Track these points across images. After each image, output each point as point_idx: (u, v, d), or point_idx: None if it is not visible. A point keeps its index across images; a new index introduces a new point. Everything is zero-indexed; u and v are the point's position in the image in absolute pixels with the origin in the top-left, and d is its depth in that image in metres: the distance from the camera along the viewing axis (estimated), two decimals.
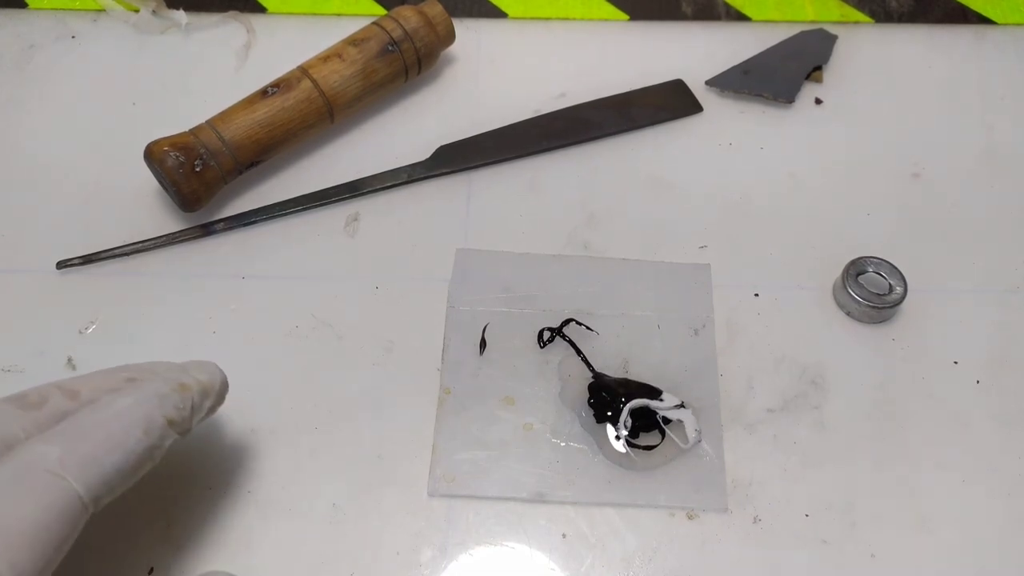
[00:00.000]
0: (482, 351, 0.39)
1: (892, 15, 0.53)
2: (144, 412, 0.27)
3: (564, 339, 0.39)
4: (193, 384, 0.29)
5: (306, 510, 0.35)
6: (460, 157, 0.45)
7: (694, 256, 0.42)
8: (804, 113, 0.48)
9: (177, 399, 0.28)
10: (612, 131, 0.47)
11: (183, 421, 0.28)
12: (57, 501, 0.24)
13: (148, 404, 0.27)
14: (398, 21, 0.46)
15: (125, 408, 0.27)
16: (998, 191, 0.45)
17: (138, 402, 0.27)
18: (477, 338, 0.39)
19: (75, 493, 0.25)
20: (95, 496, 0.25)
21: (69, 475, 0.25)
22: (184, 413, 0.28)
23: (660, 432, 0.37)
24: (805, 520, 0.35)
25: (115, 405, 0.27)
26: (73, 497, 0.24)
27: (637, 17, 0.52)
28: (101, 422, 0.26)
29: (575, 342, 0.39)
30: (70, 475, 0.25)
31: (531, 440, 0.37)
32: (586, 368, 0.38)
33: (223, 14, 0.51)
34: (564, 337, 0.39)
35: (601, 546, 0.34)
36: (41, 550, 0.24)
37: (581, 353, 0.39)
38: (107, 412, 0.27)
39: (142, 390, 0.28)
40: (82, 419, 0.26)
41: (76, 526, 0.25)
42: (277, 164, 0.45)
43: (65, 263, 0.41)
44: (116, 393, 0.28)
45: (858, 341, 0.40)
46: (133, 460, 0.26)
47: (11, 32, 0.51)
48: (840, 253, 0.42)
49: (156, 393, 0.28)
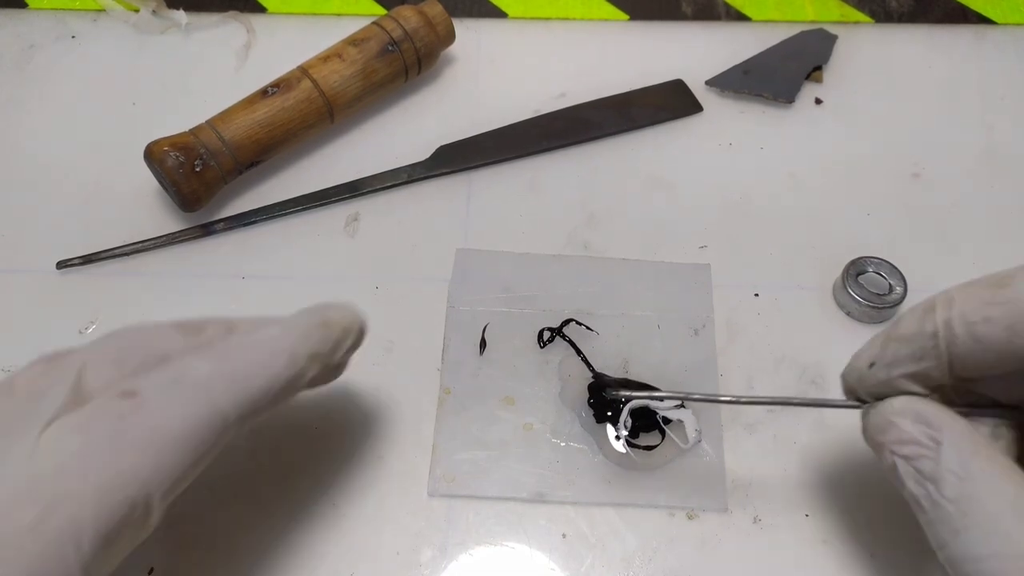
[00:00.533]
0: (482, 351, 0.39)
1: (892, 15, 0.53)
2: (290, 343, 0.28)
3: (564, 339, 0.39)
4: (336, 323, 0.30)
5: (306, 510, 0.35)
6: (460, 157, 0.45)
7: (694, 256, 0.42)
8: (804, 113, 0.48)
9: (320, 335, 0.30)
10: (612, 131, 0.47)
11: (324, 356, 0.30)
12: (202, 413, 0.26)
13: (293, 336, 0.29)
14: (398, 21, 0.46)
15: (272, 336, 0.28)
16: (998, 191, 0.45)
17: (284, 332, 0.29)
18: (477, 338, 0.39)
19: (219, 408, 0.26)
20: (238, 415, 0.26)
21: (215, 390, 0.26)
22: (325, 348, 0.30)
23: (660, 432, 0.37)
24: (805, 520, 0.35)
25: (263, 333, 0.29)
26: (216, 412, 0.26)
27: (637, 17, 0.52)
28: (249, 346, 0.28)
29: (575, 342, 0.39)
30: (216, 390, 0.26)
31: (531, 440, 0.37)
32: (586, 368, 0.38)
33: (223, 14, 0.52)
34: (564, 337, 0.39)
35: (601, 546, 0.34)
36: (183, 457, 0.25)
37: (581, 353, 0.39)
38: (255, 338, 0.28)
39: (288, 323, 0.29)
40: (232, 342, 0.28)
41: (217, 442, 0.26)
42: (277, 164, 0.45)
43: (65, 263, 0.41)
44: (273, 319, 0.30)
45: (858, 341, 0.39)
46: (276, 387, 0.28)
47: (11, 32, 0.51)
48: (840, 253, 0.42)
49: (301, 326, 0.29)
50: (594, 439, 0.37)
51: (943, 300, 0.27)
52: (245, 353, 0.28)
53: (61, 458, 0.24)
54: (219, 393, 0.26)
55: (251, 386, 0.27)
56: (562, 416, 0.37)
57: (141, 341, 0.28)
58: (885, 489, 0.36)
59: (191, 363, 0.26)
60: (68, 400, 0.25)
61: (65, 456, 0.24)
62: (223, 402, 0.26)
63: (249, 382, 0.27)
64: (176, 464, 0.25)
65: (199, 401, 0.26)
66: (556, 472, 0.36)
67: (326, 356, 0.30)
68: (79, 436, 0.24)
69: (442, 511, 0.35)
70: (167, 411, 0.25)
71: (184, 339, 0.28)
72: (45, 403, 0.25)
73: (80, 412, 0.25)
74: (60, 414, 0.25)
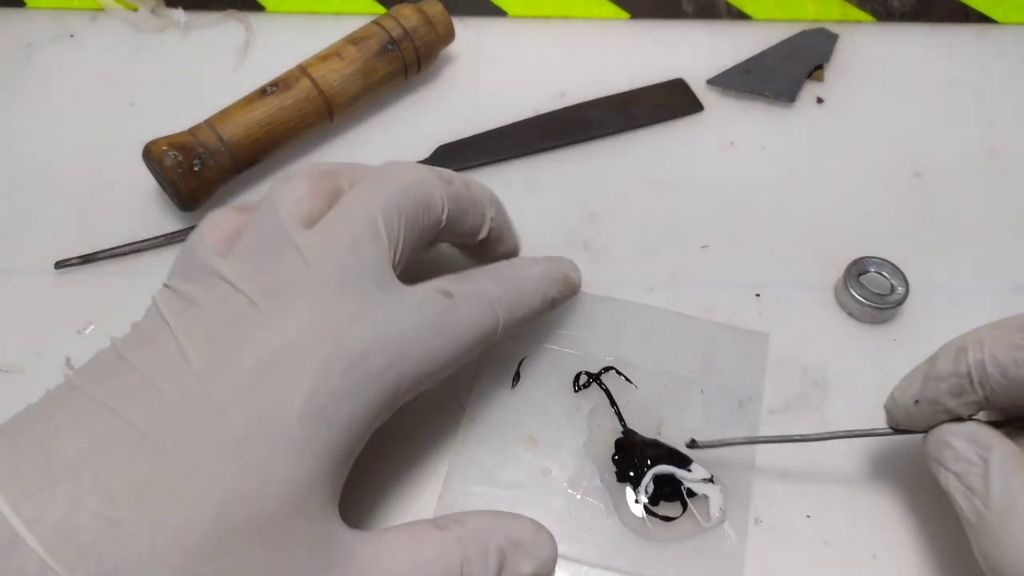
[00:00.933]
0: (514, 385, 0.38)
1: (893, 14, 0.53)
2: (546, 285, 0.35)
3: (600, 387, 0.37)
4: (572, 282, 0.38)
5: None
6: (460, 156, 0.45)
7: (701, 256, 0.42)
8: (805, 112, 0.48)
9: (562, 288, 0.37)
10: (612, 130, 0.47)
11: (556, 302, 0.36)
12: (489, 323, 0.32)
13: (549, 280, 0.36)
14: (398, 20, 0.46)
15: (538, 275, 0.35)
16: (1000, 190, 0.45)
17: (544, 275, 0.36)
18: (512, 370, 0.38)
19: (498, 322, 0.33)
20: (505, 329, 0.33)
21: (500, 309, 0.33)
22: (561, 295, 0.37)
23: (682, 504, 0.34)
24: (806, 521, 0.35)
25: (533, 270, 0.35)
26: (496, 324, 0.33)
27: (638, 16, 0.52)
28: (524, 280, 0.35)
29: (611, 392, 0.37)
30: (500, 309, 0.33)
31: (546, 486, 0.35)
32: (618, 422, 0.36)
33: (222, 13, 0.51)
34: (601, 385, 0.37)
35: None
36: (466, 353, 0.32)
37: (615, 405, 0.37)
38: (527, 273, 0.35)
39: (546, 271, 0.36)
40: (512, 274, 0.35)
41: (485, 345, 0.33)
42: (276, 164, 0.45)
43: (64, 263, 0.41)
44: (529, 261, 0.37)
45: (860, 341, 0.40)
46: (529, 316, 0.35)
47: (9, 31, 0.51)
48: (841, 253, 0.41)
49: (553, 276, 0.36)
50: (612, 498, 0.34)
51: (974, 341, 0.30)
52: (521, 285, 0.34)
53: (407, 324, 0.30)
54: (501, 311, 0.33)
55: (518, 312, 0.34)
56: (583, 468, 0.35)
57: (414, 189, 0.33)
58: (886, 490, 0.36)
59: (486, 284, 0.33)
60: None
61: (409, 323, 0.30)
62: (502, 317, 0.33)
63: (518, 308, 0.34)
64: (460, 357, 0.31)
65: (488, 315, 0.32)
66: (566, 525, 0.34)
67: (557, 302, 0.37)
68: (418, 316, 0.30)
69: None
70: (471, 313, 0.32)
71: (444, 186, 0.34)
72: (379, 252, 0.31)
73: (415, 296, 0.31)
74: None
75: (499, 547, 0.29)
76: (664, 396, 0.37)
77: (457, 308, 0.31)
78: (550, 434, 0.36)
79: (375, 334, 0.29)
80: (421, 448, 0.36)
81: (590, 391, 0.37)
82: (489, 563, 0.28)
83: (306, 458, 0.27)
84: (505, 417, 0.37)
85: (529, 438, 0.36)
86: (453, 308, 0.31)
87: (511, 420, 0.37)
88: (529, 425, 0.36)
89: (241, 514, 0.25)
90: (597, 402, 0.37)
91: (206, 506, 0.25)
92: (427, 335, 0.30)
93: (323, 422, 0.27)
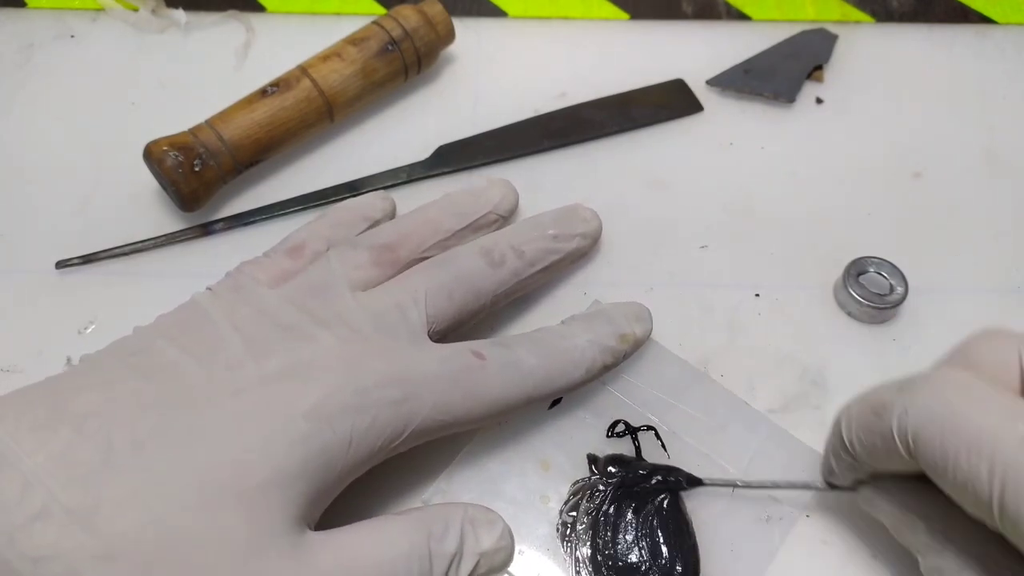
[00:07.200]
0: (552, 405, 0.37)
1: (893, 14, 0.53)
2: (593, 355, 0.34)
3: (634, 443, 0.36)
4: (629, 339, 0.36)
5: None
6: (460, 157, 0.45)
7: (703, 262, 0.42)
8: (805, 113, 0.48)
9: (614, 351, 0.35)
10: (612, 131, 0.47)
11: (609, 366, 0.35)
12: (517, 393, 0.33)
13: (598, 348, 0.35)
14: (398, 20, 0.46)
15: (584, 344, 0.34)
16: (999, 190, 0.45)
17: (593, 343, 0.35)
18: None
19: (529, 394, 0.33)
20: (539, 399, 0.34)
21: (533, 381, 0.33)
22: (613, 362, 0.35)
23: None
24: (806, 521, 0.35)
25: (580, 339, 0.35)
26: (526, 395, 0.33)
27: (638, 16, 0.52)
28: (567, 351, 0.34)
29: (641, 450, 0.36)
30: (533, 381, 0.33)
31: (540, 513, 0.34)
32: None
33: (222, 13, 0.51)
34: (635, 441, 0.36)
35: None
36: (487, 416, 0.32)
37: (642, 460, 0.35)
38: (573, 343, 0.34)
39: (594, 336, 0.35)
40: (556, 344, 0.34)
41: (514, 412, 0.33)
42: (277, 164, 0.45)
43: (64, 263, 0.41)
44: (580, 326, 0.35)
45: (859, 341, 0.40)
46: (570, 387, 0.34)
47: (10, 31, 0.51)
48: (841, 253, 0.42)
49: (603, 342, 0.35)
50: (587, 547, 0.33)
51: (845, 418, 0.30)
52: (562, 357, 0.34)
53: (428, 370, 0.31)
54: (532, 383, 0.33)
55: (556, 383, 0.34)
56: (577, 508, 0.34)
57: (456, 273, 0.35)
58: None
59: (525, 355, 0.33)
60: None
61: (430, 370, 0.31)
62: (534, 389, 0.33)
63: (555, 380, 0.34)
64: (473, 415, 0.32)
65: (521, 383, 0.33)
66: (540, 554, 0.33)
67: (611, 367, 0.36)
68: (439, 366, 0.31)
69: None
70: (498, 379, 0.32)
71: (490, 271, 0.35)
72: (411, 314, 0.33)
73: (443, 351, 0.32)
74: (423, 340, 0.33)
75: (459, 522, 0.31)
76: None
77: (485, 370, 0.32)
78: (564, 467, 0.35)
79: (392, 369, 0.31)
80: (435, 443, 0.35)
81: (622, 441, 0.36)
82: (451, 536, 0.30)
83: (302, 450, 0.28)
84: (530, 432, 0.36)
85: (543, 461, 0.36)
86: (481, 370, 0.32)
87: (534, 437, 0.36)
88: (548, 449, 0.36)
89: (229, 477, 0.27)
90: (623, 452, 0.36)
91: (198, 462, 0.28)
92: (445, 385, 0.31)
93: (327, 425, 0.29)
